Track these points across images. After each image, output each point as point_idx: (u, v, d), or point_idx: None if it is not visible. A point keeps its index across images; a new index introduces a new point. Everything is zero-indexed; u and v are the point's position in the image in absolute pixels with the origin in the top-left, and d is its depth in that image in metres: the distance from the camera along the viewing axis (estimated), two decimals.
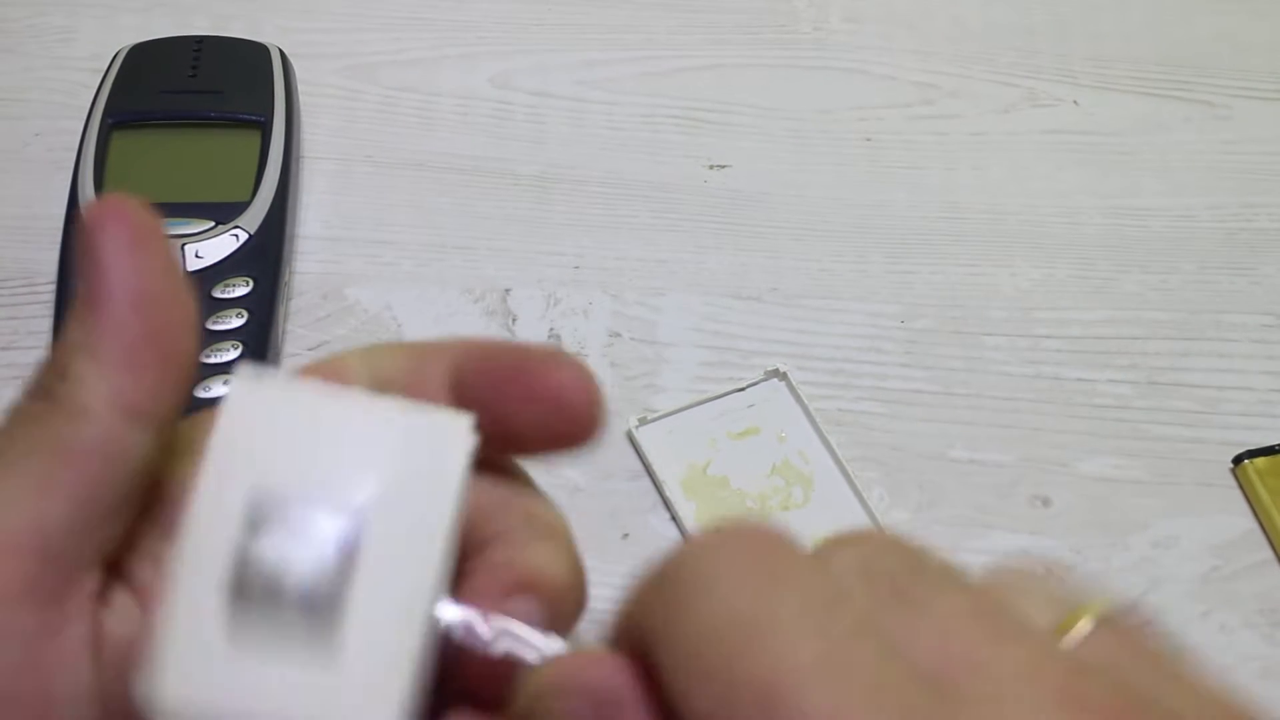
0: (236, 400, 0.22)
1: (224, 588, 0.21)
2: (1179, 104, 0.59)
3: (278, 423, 0.22)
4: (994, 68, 0.60)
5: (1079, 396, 0.49)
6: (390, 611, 0.21)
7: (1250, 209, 0.55)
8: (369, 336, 0.49)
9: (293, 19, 0.60)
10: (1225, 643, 0.43)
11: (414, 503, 0.22)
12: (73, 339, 0.23)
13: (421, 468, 0.22)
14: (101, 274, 0.23)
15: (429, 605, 0.21)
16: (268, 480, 0.21)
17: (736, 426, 0.47)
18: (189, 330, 0.24)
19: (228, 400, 0.22)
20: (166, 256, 0.24)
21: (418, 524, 0.21)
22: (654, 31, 0.61)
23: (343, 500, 0.21)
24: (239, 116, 0.51)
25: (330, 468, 0.22)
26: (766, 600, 0.19)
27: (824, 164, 0.56)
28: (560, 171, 0.55)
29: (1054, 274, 0.52)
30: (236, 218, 0.48)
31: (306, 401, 0.22)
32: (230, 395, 0.22)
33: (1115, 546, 0.45)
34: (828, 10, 0.62)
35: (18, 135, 0.55)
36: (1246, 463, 0.46)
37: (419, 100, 0.57)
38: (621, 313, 0.50)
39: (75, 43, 0.58)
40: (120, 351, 0.23)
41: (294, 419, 0.22)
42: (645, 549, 0.44)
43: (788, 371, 0.48)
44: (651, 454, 0.46)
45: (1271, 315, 0.51)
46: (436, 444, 0.22)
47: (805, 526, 0.44)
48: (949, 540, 0.45)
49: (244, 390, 0.22)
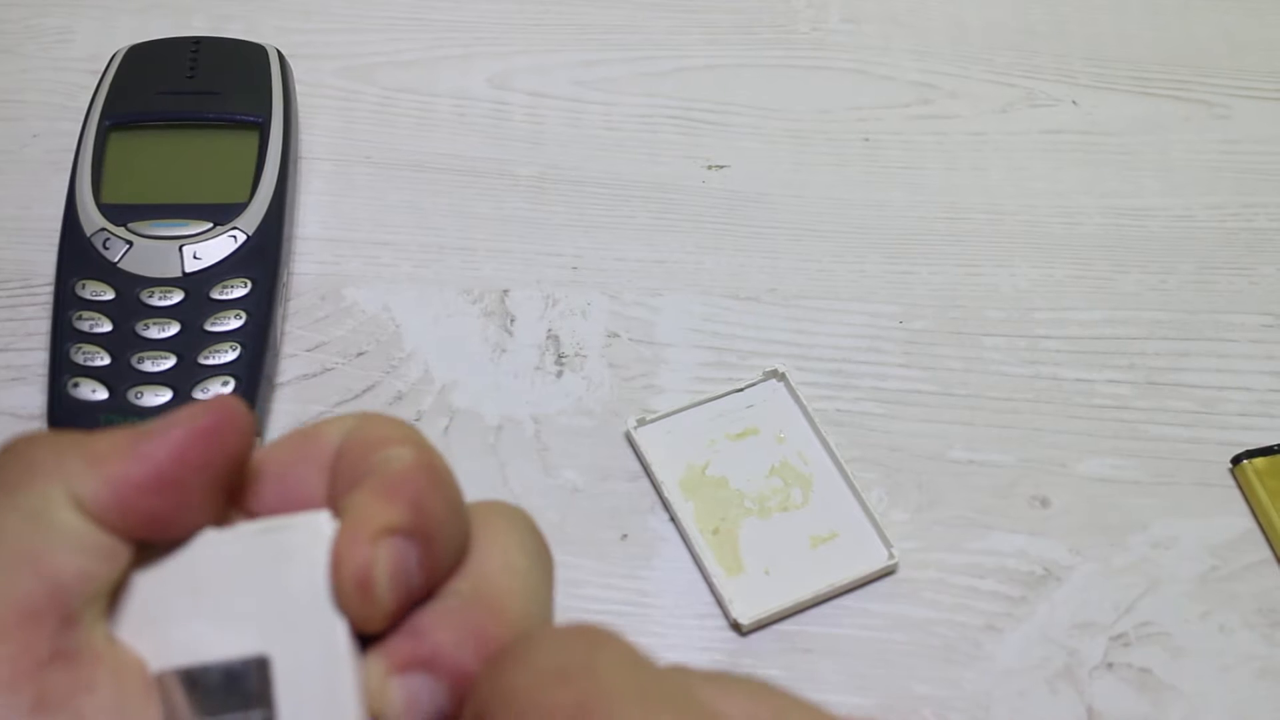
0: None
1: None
2: (1178, 104, 0.59)
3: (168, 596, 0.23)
4: (992, 68, 0.60)
5: (1078, 397, 0.49)
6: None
7: (1249, 209, 0.55)
8: (368, 337, 0.49)
9: (291, 20, 0.60)
10: (1224, 643, 0.43)
11: (304, 620, 0.22)
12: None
13: (296, 581, 0.22)
14: (167, 427, 0.23)
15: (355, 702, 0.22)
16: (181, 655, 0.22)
17: (735, 427, 0.47)
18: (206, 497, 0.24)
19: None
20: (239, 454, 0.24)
21: (315, 639, 0.22)
22: (652, 32, 0.60)
23: (241, 646, 0.22)
24: (237, 117, 0.51)
25: (219, 619, 0.22)
26: (588, 661, 0.21)
27: (823, 164, 0.56)
28: (558, 172, 0.55)
29: (1053, 274, 0.52)
30: (234, 219, 0.48)
31: (175, 565, 0.23)
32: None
33: (1114, 547, 0.45)
34: (826, 10, 0.62)
35: (15, 136, 0.55)
36: (1245, 463, 0.46)
37: (417, 101, 0.57)
38: (620, 313, 0.50)
39: (73, 44, 0.58)
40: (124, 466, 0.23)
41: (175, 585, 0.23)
42: (644, 549, 0.44)
43: (786, 372, 0.48)
44: (650, 455, 0.46)
45: (1270, 315, 0.51)
46: (300, 553, 0.22)
47: (805, 527, 0.44)
48: (948, 541, 0.45)
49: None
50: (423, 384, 0.48)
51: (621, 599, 0.43)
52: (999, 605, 0.43)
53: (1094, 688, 0.42)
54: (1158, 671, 0.42)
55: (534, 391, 0.48)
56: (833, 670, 0.42)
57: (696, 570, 0.44)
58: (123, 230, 0.47)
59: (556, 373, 0.49)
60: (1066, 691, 0.42)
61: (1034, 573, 0.44)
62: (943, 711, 0.41)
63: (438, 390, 0.48)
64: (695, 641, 0.42)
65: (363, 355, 0.49)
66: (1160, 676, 0.42)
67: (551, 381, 0.48)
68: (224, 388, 0.45)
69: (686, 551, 0.44)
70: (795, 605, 0.43)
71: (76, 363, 0.45)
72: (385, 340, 0.49)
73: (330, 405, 0.47)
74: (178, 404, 0.44)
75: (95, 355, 0.45)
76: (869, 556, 0.44)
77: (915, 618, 0.43)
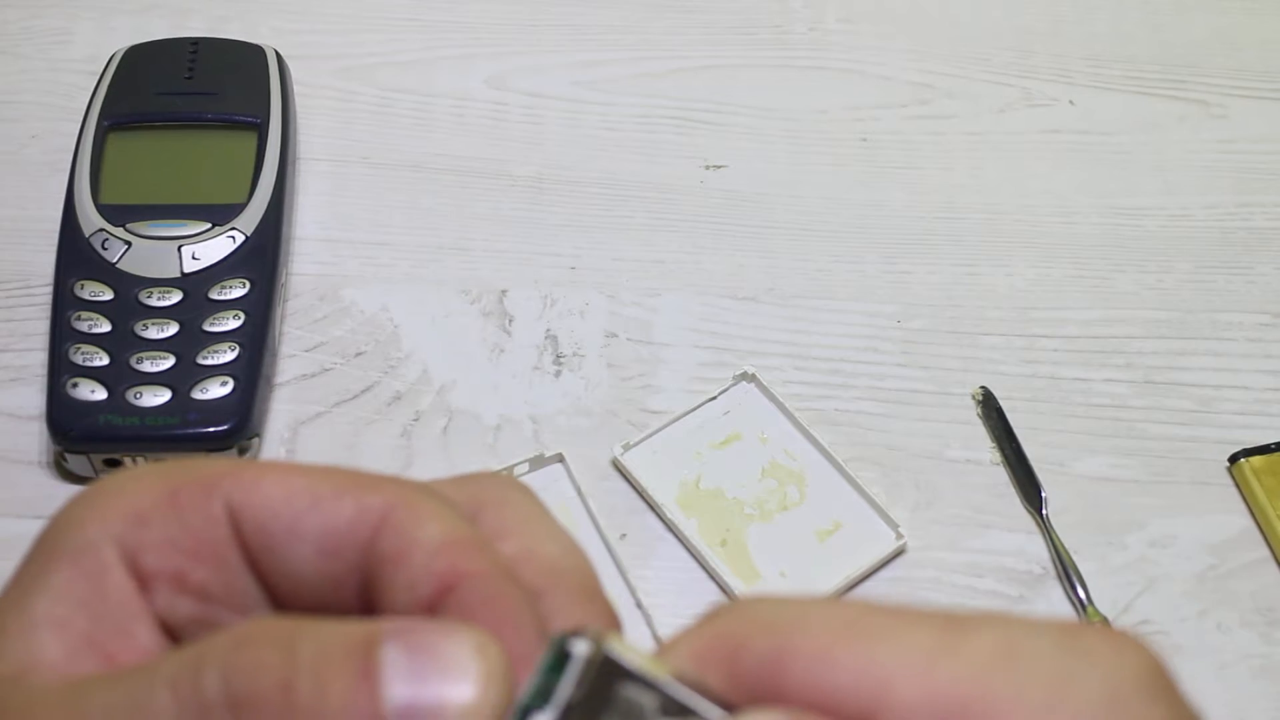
0: None
1: None
2: (1175, 103, 0.59)
3: None
4: (990, 67, 0.60)
5: (1075, 396, 0.49)
6: None
7: (1246, 208, 0.55)
8: (366, 338, 0.49)
9: (288, 21, 0.60)
10: (1222, 641, 0.43)
11: None
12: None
13: None
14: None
15: None
16: None
17: (718, 436, 0.47)
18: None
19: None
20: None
21: None
22: (649, 32, 0.61)
23: None
24: (235, 118, 0.51)
25: None
26: None
27: (820, 164, 0.56)
28: (556, 172, 0.55)
29: (1050, 273, 0.52)
30: (233, 219, 0.48)
31: None
32: None
33: (1112, 545, 0.45)
34: (823, 10, 0.62)
35: (14, 137, 0.55)
36: (1243, 461, 0.46)
37: (415, 101, 0.57)
38: (618, 313, 0.50)
39: (71, 45, 0.58)
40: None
41: None
42: (644, 549, 0.44)
43: (756, 373, 0.48)
44: (642, 478, 0.45)
45: (1267, 314, 0.51)
46: None
47: (808, 523, 0.44)
48: (946, 539, 0.45)
49: None
50: (421, 384, 0.48)
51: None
52: (997, 604, 0.43)
53: None
54: None
55: (532, 391, 0.48)
56: None
57: (698, 570, 0.44)
58: (121, 231, 0.47)
59: (555, 373, 0.49)
60: None
61: (1032, 571, 0.44)
62: None
63: (436, 390, 0.48)
64: None
65: (361, 355, 0.49)
66: None
67: (550, 381, 0.48)
68: (222, 388, 0.45)
69: (686, 551, 0.44)
70: None
71: (75, 363, 0.45)
72: (384, 340, 0.49)
73: (329, 405, 0.47)
74: (176, 404, 0.44)
75: (94, 355, 0.45)
76: (877, 541, 0.44)
77: None
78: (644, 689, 0.19)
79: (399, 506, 0.23)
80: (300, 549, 0.23)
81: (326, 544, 0.23)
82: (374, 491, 0.23)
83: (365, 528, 0.23)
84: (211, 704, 0.20)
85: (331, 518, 0.23)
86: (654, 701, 0.19)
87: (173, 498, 0.23)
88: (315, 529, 0.23)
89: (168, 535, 0.23)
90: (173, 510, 0.23)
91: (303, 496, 0.23)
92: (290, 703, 0.20)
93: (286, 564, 0.23)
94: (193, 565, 0.23)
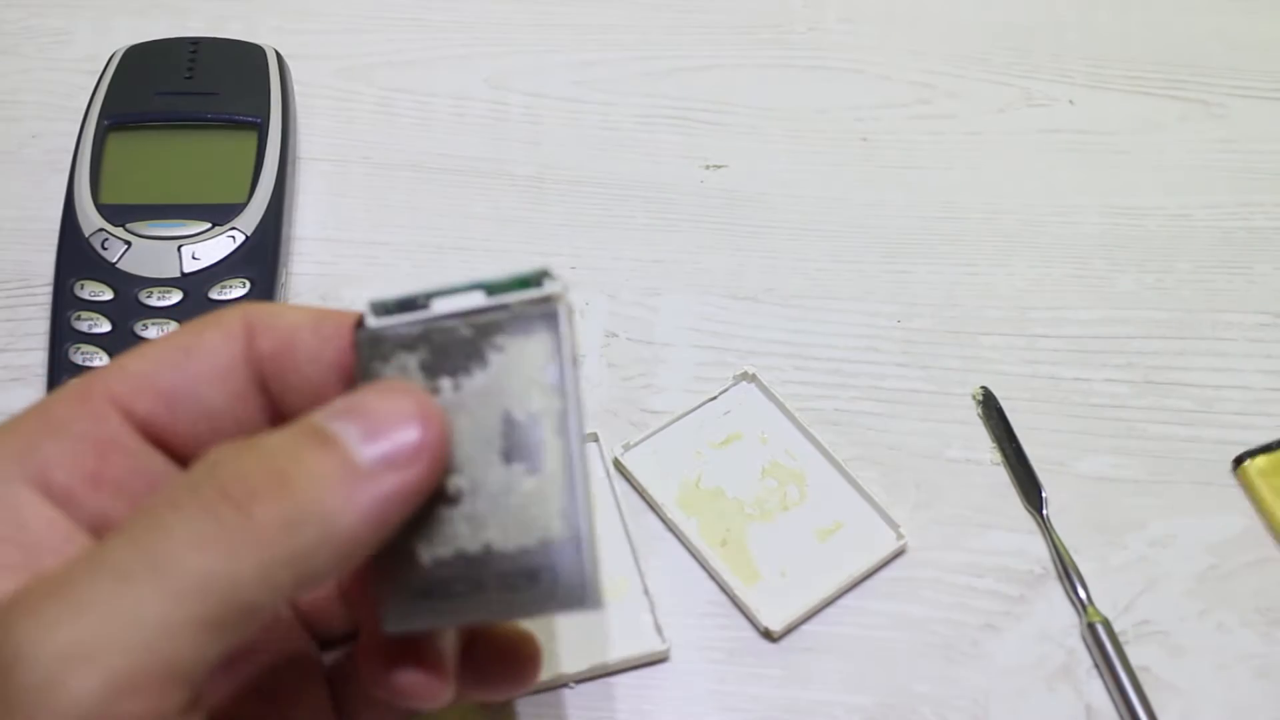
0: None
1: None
2: (1175, 103, 0.59)
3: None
4: (990, 67, 0.60)
5: (1075, 396, 0.49)
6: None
7: (1246, 208, 0.55)
8: None
9: (289, 20, 0.60)
10: (1223, 641, 0.43)
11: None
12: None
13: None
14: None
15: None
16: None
17: (718, 436, 0.47)
18: None
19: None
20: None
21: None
22: (650, 31, 0.61)
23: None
24: (235, 118, 0.51)
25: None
26: None
27: (820, 164, 0.56)
28: (556, 172, 0.55)
29: (1050, 273, 0.53)
30: (233, 219, 0.48)
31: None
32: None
33: (1112, 546, 0.45)
34: (823, 10, 0.62)
35: (14, 137, 0.55)
36: (1248, 462, 0.46)
37: (415, 101, 0.57)
38: (618, 313, 0.50)
39: (71, 44, 0.58)
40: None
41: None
42: (643, 550, 0.44)
43: (756, 373, 0.48)
44: (642, 478, 0.45)
45: (1268, 314, 0.51)
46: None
47: (808, 522, 0.44)
48: (946, 539, 0.45)
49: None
50: None
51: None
52: (997, 604, 0.43)
53: (1092, 686, 0.42)
54: (1156, 670, 0.42)
55: None
56: (831, 669, 0.42)
57: (698, 570, 0.44)
58: (121, 230, 0.47)
59: None
60: (1065, 690, 0.42)
61: (1032, 571, 0.44)
62: (941, 710, 0.41)
63: None
64: (697, 641, 0.42)
65: None
66: (1158, 675, 0.42)
67: None
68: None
69: (686, 551, 0.44)
70: (821, 602, 0.43)
71: (75, 363, 0.45)
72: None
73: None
74: None
75: (94, 356, 0.45)
76: (878, 541, 0.44)
77: (914, 616, 0.43)
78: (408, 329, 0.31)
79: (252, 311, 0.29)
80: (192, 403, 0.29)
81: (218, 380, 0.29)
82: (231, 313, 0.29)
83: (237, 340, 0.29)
84: (215, 501, 0.24)
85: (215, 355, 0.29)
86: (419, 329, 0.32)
87: (48, 416, 0.27)
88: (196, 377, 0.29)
89: (64, 448, 0.27)
90: (60, 425, 0.27)
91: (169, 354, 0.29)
92: (284, 481, 0.24)
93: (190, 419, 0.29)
94: (100, 462, 0.27)
